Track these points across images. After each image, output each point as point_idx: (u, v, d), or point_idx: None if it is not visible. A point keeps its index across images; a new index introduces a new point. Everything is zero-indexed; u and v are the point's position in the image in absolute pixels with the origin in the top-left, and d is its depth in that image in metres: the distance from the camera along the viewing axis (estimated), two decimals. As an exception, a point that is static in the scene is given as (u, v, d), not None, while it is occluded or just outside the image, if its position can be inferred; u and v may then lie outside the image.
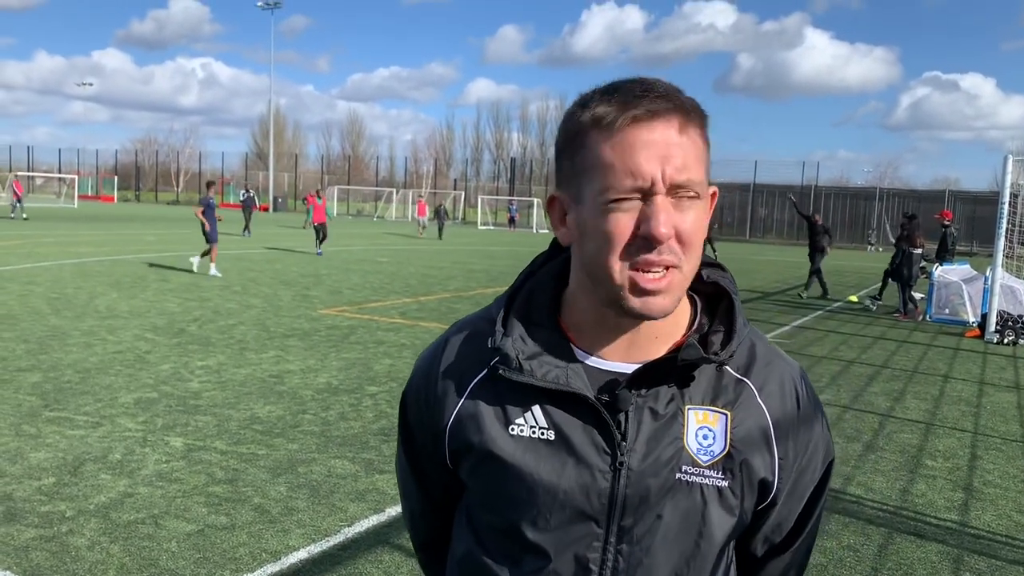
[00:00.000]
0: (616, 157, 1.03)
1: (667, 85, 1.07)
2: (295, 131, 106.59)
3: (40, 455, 5.36)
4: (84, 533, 4.25)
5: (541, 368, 1.11)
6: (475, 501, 1.19)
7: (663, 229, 1.01)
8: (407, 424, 1.27)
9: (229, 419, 6.36)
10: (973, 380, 9.56)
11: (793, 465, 1.16)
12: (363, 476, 5.27)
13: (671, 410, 1.11)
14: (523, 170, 74.64)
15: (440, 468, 1.22)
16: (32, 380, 7.28)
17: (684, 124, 1.04)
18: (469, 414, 1.15)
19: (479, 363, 1.17)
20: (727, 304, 1.17)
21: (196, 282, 15.19)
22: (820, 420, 1.21)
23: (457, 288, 16.65)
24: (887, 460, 6.17)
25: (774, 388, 1.16)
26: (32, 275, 14.87)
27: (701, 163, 1.05)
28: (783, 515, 1.20)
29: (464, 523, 1.23)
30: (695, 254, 1.06)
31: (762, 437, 1.14)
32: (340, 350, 9.38)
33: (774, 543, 1.23)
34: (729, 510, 1.12)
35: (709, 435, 1.11)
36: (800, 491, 1.19)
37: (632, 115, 1.03)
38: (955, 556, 4.52)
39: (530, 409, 1.12)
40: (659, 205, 1.02)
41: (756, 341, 1.19)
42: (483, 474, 1.15)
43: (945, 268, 15.45)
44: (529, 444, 1.11)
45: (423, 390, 1.22)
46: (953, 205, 51.50)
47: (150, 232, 30.76)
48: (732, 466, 1.11)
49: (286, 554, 4.13)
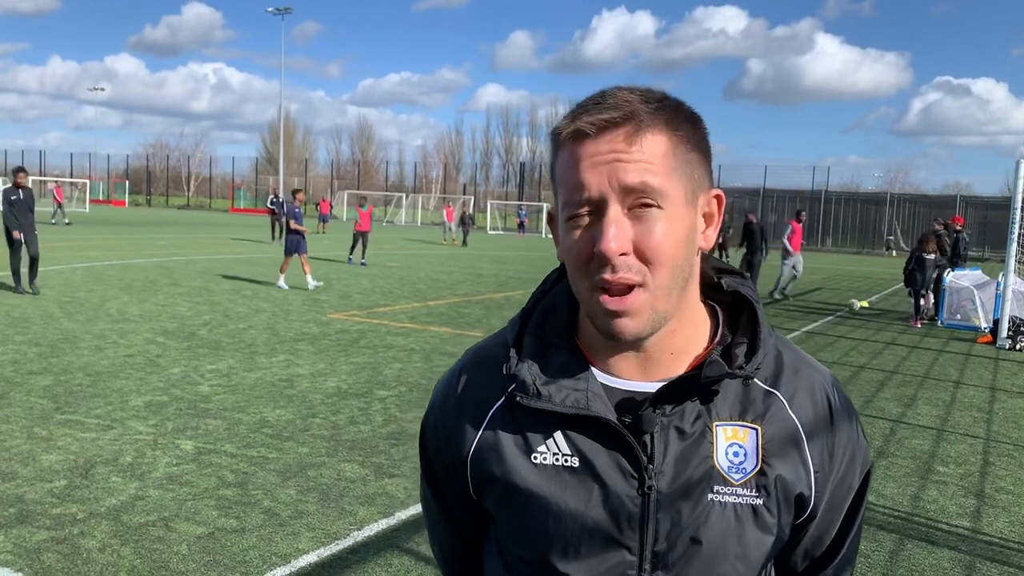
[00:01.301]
0: (568, 172, 1.01)
1: (625, 94, 1.02)
2: (305, 136, 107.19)
3: (52, 457, 5.38)
4: (95, 535, 4.26)
5: (560, 393, 1.07)
6: (503, 533, 1.14)
7: (612, 244, 0.97)
8: (428, 457, 1.23)
9: (239, 423, 6.38)
10: (985, 386, 9.50)
11: (829, 477, 1.11)
12: (372, 480, 5.27)
13: (698, 428, 1.06)
14: (532, 175, 74.71)
15: (465, 500, 1.18)
16: (44, 383, 7.32)
17: (636, 133, 0.99)
18: (489, 445, 1.11)
19: (496, 391, 1.13)
20: (749, 313, 1.12)
21: (206, 286, 15.25)
22: (855, 428, 1.15)
23: (466, 292, 16.66)
24: (898, 466, 6.14)
25: (804, 398, 1.10)
26: (44, 279, 14.95)
27: (666, 171, 1.00)
28: (822, 528, 1.14)
29: (495, 556, 1.19)
30: (666, 270, 1.00)
31: (795, 450, 1.08)
32: (350, 354, 9.40)
33: (815, 557, 1.18)
34: (766, 529, 1.07)
35: (740, 452, 1.07)
36: (838, 503, 1.13)
37: (576, 128, 1.00)
38: (967, 563, 4.49)
39: (552, 436, 1.08)
40: (608, 219, 0.98)
41: (783, 349, 1.14)
42: (508, 506, 1.11)
43: (957, 273, 15.40)
44: (553, 472, 1.07)
45: (441, 422, 1.19)
46: (965, 210, 51.23)
47: (161, 236, 30.90)
48: (766, 483, 1.06)
49: (296, 557, 4.14)
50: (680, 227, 1.01)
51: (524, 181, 72.14)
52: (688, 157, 1.03)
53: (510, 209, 64.57)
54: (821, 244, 56.03)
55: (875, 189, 72.44)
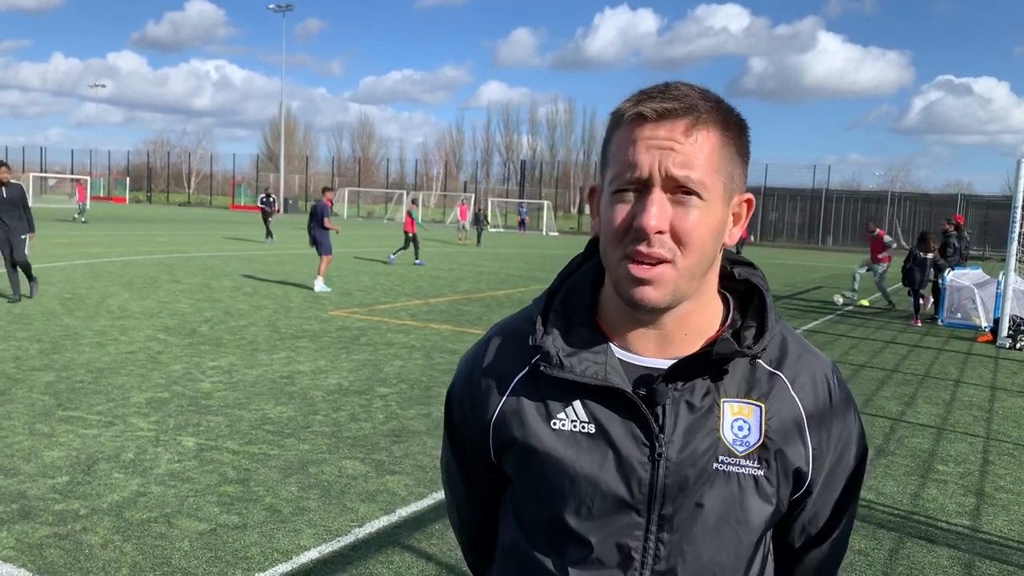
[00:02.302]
0: (622, 150, 1.09)
1: (688, 89, 1.10)
2: (306, 133, 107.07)
3: (54, 454, 5.40)
4: (97, 531, 4.28)
5: (580, 364, 1.15)
6: (519, 493, 1.23)
7: (652, 221, 1.05)
8: (452, 421, 1.32)
9: (240, 419, 6.39)
10: (985, 385, 9.51)
11: (827, 455, 1.19)
12: (374, 477, 5.29)
13: (707, 403, 1.14)
14: (533, 173, 74.66)
15: (485, 463, 1.27)
16: (45, 380, 7.33)
17: (693, 125, 1.07)
18: (512, 410, 1.20)
19: (520, 362, 1.22)
20: (759, 301, 1.21)
21: (207, 283, 15.26)
22: (853, 412, 1.24)
23: (467, 290, 16.67)
24: (898, 464, 6.15)
25: (806, 381, 1.19)
26: (45, 275, 14.97)
27: (712, 167, 1.08)
28: (819, 505, 1.23)
29: (510, 515, 1.27)
30: (695, 253, 1.08)
31: (796, 428, 1.17)
32: (350, 351, 9.41)
33: (811, 534, 1.26)
34: (766, 498, 1.15)
35: (744, 426, 1.15)
36: (835, 482, 1.22)
37: (640, 111, 1.08)
38: (966, 561, 4.51)
39: (571, 404, 1.16)
40: (652, 198, 1.06)
41: (787, 336, 1.22)
42: (526, 467, 1.19)
43: (957, 272, 15.40)
44: (570, 437, 1.15)
45: (467, 388, 1.27)
46: (966, 209, 51.23)
47: (162, 233, 30.91)
48: (767, 456, 1.15)
49: (297, 554, 4.15)
50: (713, 219, 1.10)
51: (525, 179, 72.08)
52: (732, 158, 1.12)
53: (511, 207, 64.55)
54: (822, 242, 56.03)
55: (876, 188, 72.46)
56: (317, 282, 15.07)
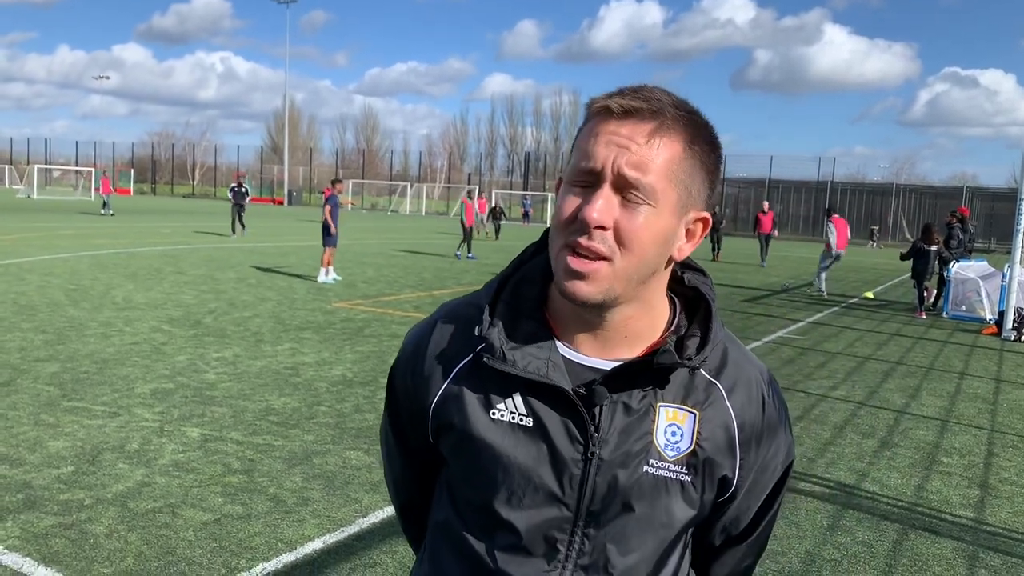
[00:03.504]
0: (584, 141, 1.09)
1: (661, 94, 1.09)
2: (310, 125, 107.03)
3: (59, 444, 5.41)
4: (102, 521, 4.29)
5: (523, 359, 1.15)
6: (454, 476, 1.24)
7: (594, 214, 1.05)
8: (395, 396, 1.32)
9: (245, 410, 6.40)
10: (990, 377, 9.50)
11: (754, 464, 1.22)
12: (377, 467, 5.30)
13: (644, 406, 1.16)
14: (537, 165, 74.58)
15: (423, 441, 1.27)
16: (50, 370, 7.35)
17: (658, 130, 1.06)
18: (453, 396, 1.20)
19: (465, 348, 1.21)
20: (705, 309, 1.22)
21: (211, 274, 15.28)
22: (783, 424, 1.26)
23: (470, 282, 16.67)
24: (902, 456, 6.14)
25: (742, 391, 1.20)
26: (50, 267, 15.00)
27: (667, 175, 1.07)
28: (741, 509, 1.26)
29: (444, 494, 1.28)
30: (634, 258, 1.08)
31: (726, 438, 1.19)
32: (355, 343, 9.42)
33: (731, 535, 1.30)
34: (690, 503, 1.18)
35: (677, 432, 1.16)
36: (759, 489, 1.25)
37: (607, 104, 1.08)
38: (970, 553, 4.51)
39: (511, 396, 1.17)
40: (599, 193, 1.06)
41: (729, 345, 1.23)
42: (463, 453, 1.20)
43: (962, 265, 15.35)
44: (508, 428, 1.16)
45: (410, 369, 1.27)
46: (971, 202, 51.10)
47: (166, 224, 30.95)
48: (696, 463, 1.17)
49: (301, 544, 4.17)
50: (660, 227, 1.09)
51: (529, 171, 72.01)
52: (692, 172, 1.10)
53: (514, 199, 64.50)
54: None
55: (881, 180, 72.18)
56: (320, 273, 15.22)
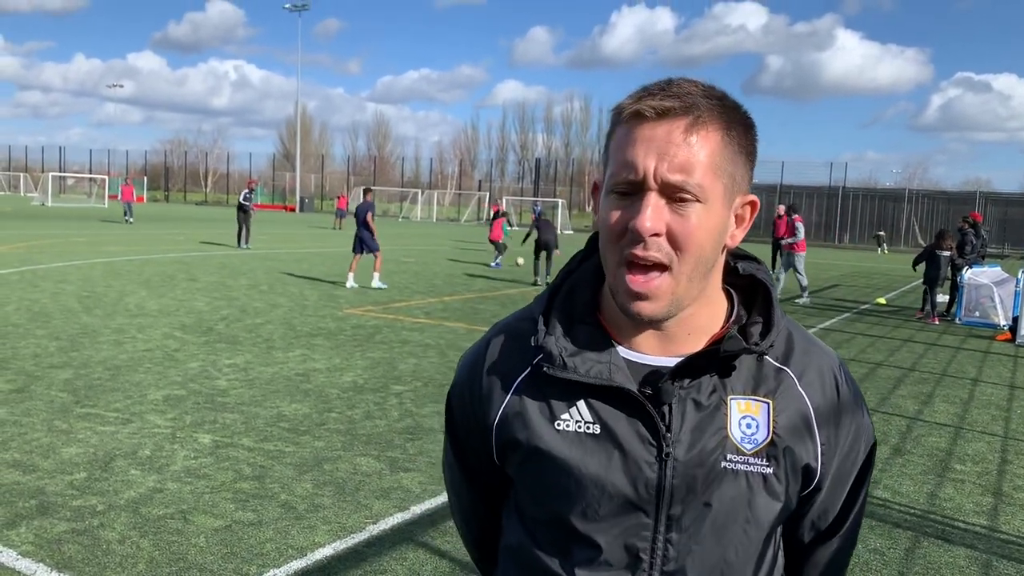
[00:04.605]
0: (620, 148, 1.07)
1: (690, 86, 1.07)
2: (322, 132, 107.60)
3: (72, 450, 5.45)
4: (115, 527, 4.32)
5: (584, 364, 1.12)
6: (524, 495, 1.21)
7: (647, 223, 1.03)
8: (453, 424, 1.29)
9: (256, 416, 6.43)
10: (1003, 384, 9.43)
11: (835, 451, 1.18)
12: (388, 474, 5.30)
13: (714, 401, 1.13)
14: (548, 171, 74.57)
15: (488, 464, 1.25)
16: (64, 377, 7.40)
17: (692, 126, 1.04)
18: (515, 411, 1.17)
19: (522, 361, 1.19)
20: (764, 295, 1.19)
21: (224, 281, 15.35)
22: (860, 406, 1.22)
23: (481, 288, 16.68)
24: (915, 464, 6.10)
25: (813, 376, 1.17)
26: (64, 273, 15.10)
27: (711, 168, 1.05)
28: (828, 501, 1.21)
29: (514, 517, 1.25)
30: (692, 258, 1.06)
31: (804, 424, 1.15)
32: (365, 349, 9.44)
33: (820, 529, 1.24)
34: (775, 496, 1.14)
35: (752, 424, 1.13)
36: (844, 476, 1.21)
37: (637, 109, 1.05)
38: (984, 561, 4.47)
39: (575, 404, 1.14)
40: (647, 200, 1.04)
41: (793, 331, 1.20)
42: (531, 469, 1.17)
43: (975, 270, 15.25)
44: (575, 438, 1.13)
45: (467, 390, 1.25)
46: (984, 207, 50.79)
47: (179, 232, 31.10)
48: (776, 453, 1.13)
49: (312, 550, 4.17)
50: (713, 222, 1.07)
51: (539, 177, 72.01)
52: (734, 159, 1.09)
53: (525, 205, 64.52)
54: (839, 241, 55.66)
55: (893, 185, 71.92)
56: (374, 279, 15.66)
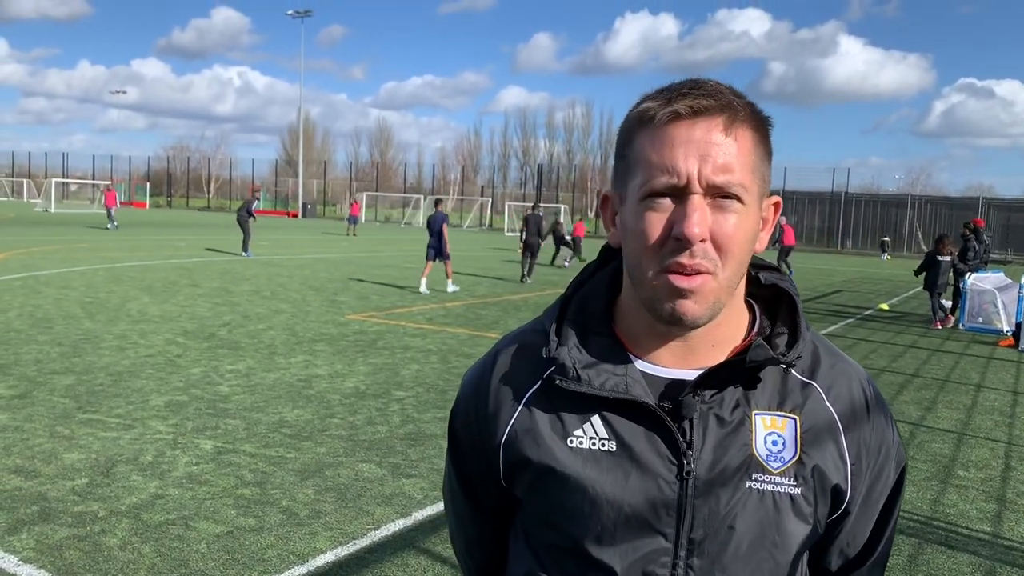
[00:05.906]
0: (655, 153, 1.00)
1: (718, 85, 1.03)
2: (324, 138, 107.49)
3: (73, 456, 5.45)
4: (116, 533, 4.31)
5: (599, 377, 1.06)
6: (533, 519, 1.13)
7: (696, 229, 0.96)
8: (457, 444, 1.21)
9: (258, 422, 6.42)
10: (1007, 390, 9.41)
11: (865, 470, 1.11)
12: (390, 480, 5.30)
13: (737, 416, 1.06)
14: (550, 177, 74.62)
15: (494, 488, 1.17)
16: (66, 383, 7.40)
17: (730, 124, 1.00)
18: (525, 428, 1.10)
19: (532, 375, 1.12)
20: (788, 306, 1.13)
21: (226, 287, 15.36)
22: (890, 424, 1.15)
23: (483, 294, 16.68)
24: (918, 470, 6.09)
25: (842, 391, 1.11)
26: (67, 279, 15.12)
27: (749, 167, 1.01)
28: (857, 526, 1.14)
29: (521, 543, 1.17)
30: (735, 262, 1.01)
31: (832, 441, 1.08)
32: (367, 355, 9.44)
33: (849, 557, 1.17)
34: (803, 518, 1.06)
35: (779, 441, 1.06)
36: (874, 499, 1.13)
37: (673, 111, 0.99)
38: (987, 568, 4.46)
39: (589, 420, 1.07)
40: (693, 204, 0.97)
41: (819, 344, 1.14)
42: (542, 490, 1.09)
43: (978, 276, 15.23)
44: (590, 456, 1.06)
45: (473, 407, 1.17)
46: (987, 212, 50.75)
47: (181, 238, 31.15)
48: (804, 472, 1.06)
49: (313, 556, 4.17)
50: (750, 224, 1.02)
51: (542, 183, 72.06)
52: (763, 158, 1.04)
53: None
54: (841, 246, 55.62)
55: (896, 191, 71.90)
56: (448, 284, 16.42)
